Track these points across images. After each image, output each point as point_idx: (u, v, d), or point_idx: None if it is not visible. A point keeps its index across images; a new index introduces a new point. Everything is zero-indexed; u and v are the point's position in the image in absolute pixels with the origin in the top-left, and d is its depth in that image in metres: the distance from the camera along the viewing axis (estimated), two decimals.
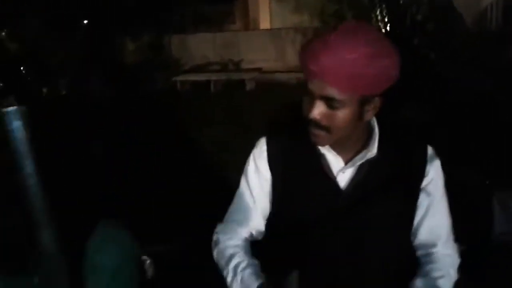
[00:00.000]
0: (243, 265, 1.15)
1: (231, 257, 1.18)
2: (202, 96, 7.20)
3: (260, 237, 1.26)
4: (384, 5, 6.50)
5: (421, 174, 1.16)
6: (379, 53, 1.01)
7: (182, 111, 5.92)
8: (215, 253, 1.24)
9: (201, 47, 9.21)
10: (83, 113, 5.59)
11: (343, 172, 1.16)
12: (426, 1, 5.50)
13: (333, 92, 1.03)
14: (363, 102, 1.07)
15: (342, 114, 1.06)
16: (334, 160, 1.17)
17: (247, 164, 1.27)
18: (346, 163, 1.17)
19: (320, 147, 1.16)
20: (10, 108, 0.95)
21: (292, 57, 9.21)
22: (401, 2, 6.21)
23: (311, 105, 1.06)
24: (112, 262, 1.11)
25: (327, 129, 1.08)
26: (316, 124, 1.08)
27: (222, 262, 1.20)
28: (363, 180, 1.15)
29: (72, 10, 7.98)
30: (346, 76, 1.01)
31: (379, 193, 1.15)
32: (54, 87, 7.99)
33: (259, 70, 8.82)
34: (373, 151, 1.15)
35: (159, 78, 7.61)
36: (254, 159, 1.24)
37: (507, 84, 3.87)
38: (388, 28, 6.58)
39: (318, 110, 1.06)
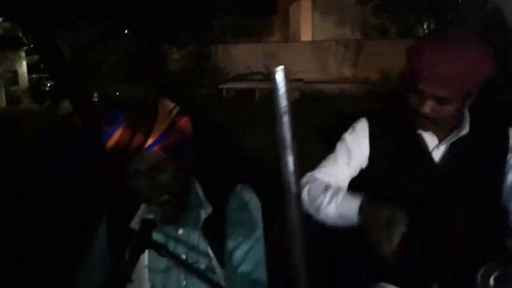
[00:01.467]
0: (340, 191, 1.27)
1: (327, 187, 1.31)
2: (247, 103, 7.40)
3: None
4: (432, 20, 6.53)
5: (506, 149, 1.29)
6: (482, 57, 1.15)
7: (228, 117, 6.12)
8: (306, 189, 1.35)
9: (243, 57, 9.45)
10: None
11: (438, 149, 1.31)
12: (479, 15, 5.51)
13: (443, 92, 1.17)
14: (466, 97, 1.21)
15: (449, 108, 1.21)
16: (429, 138, 1.32)
17: (347, 132, 1.42)
18: (440, 141, 1.31)
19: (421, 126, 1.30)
20: None
21: (333, 69, 9.37)
22: (450, 17, 6.24)
23: (421, 102, 1.21)
24: (248, 218, 1.28)
25: (434, 120, 1.23)
26: (425, 117, 1.22)
27: (316, 192, 1.32)
28: (456, 155, 1.29)
29: (123, 18, 8.33)
30: (457, 79, 1.14)
31: (470, 167, 1.29)
32: (104, 92, 8.33)
33: (300, 80, 8.98)
34: (466, 129, 1.28)
35: (205, 85, 7.84)
36: (356, 133, 1.40)
37: None
38: None
39: (429, 107, 1.20)
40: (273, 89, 0.65)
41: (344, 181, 1.40)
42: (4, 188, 4.08)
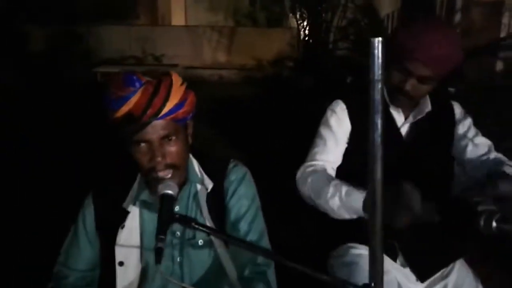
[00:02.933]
0: (342, 184, 1.36)
1: (328, 179, 1.40)
2: None
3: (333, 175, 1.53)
4: (303, 9, 7.01)
5: (454, 121, 1.55)
6: (459, 42, 1.38)
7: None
8: (308, 182, 1.42)
9: (116, 40, 9.00)
10: None
11: (404, 125, 1.52)
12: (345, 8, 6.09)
13: (430, 72, 1.36)
14: (443, 77, 1.41)
15: (427, 88, 1.41)
16: (397, 116, 1.52)
17: (326, 117, 1.55)
18: (405, 118, 1.52)
19: (389, 105, 1.50)
20: None
21: (208, 55, 9.46)
22: (320, 8, 6.77)
23: (404, 80, 1.38)
24: (247, 190, 1.33)
25: (411, 97, 1.42)
26: (405, 94, 1.40)
27: (318, 185, 1.39)
28: (419, 130, 1.52)
29: None
30: (444, 61, 1.34)
31: (430, 140, 1.52)
32: None
33: (176, 66, 8.89)
34: (429, 107, 1.51)
35: (76, 68, 7.32)
36: (335, 113, 1.53)
37: None
38: (307, 31, 7.09)
39: (411, 85, 1.39)
40: (370, 57, 0.74)
41: (337, 163, 1.53)
42: None
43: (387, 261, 1.46)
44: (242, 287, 1.26)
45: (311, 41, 7.14)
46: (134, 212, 1.31)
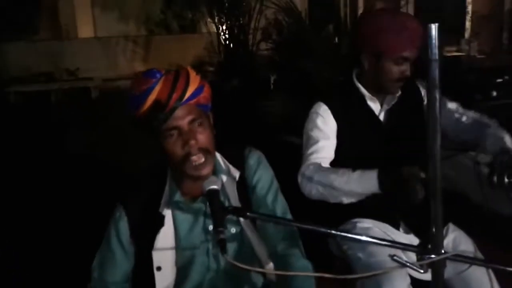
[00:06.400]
0: (347, 170, 1.50)
1: (333, 171, 1.53)
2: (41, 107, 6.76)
3: None
4: (221, 14, 7.12)
5: (421, 98, 1.75)
6: None
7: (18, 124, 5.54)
8: (315, 178, 1.53)
9: (20, 57, 8.42)
10: None
11: (382, 112, 1.70)
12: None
13: (417, 52, 1.56)
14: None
15: (410, 68, 1.59)
16: (374, 105, 1.71)
17: (312, 120, 1.68)
18: (381, 105, 1.70)
19: (366, 97, 1.66)
20: None
21: (124, 65, 9.21)
22: (237, 11, 6.93)
23: (404, 67, 1.56)
24: (265, 173, 1.40)
25: (407, 80, 1.60)
26: (404, 79, 1.59)
27: (328, 178, 1.50)
28: (394, 113, 1.71)
29: None
30: (421, 41, 1.53)
31: (405, 117, 1.71)
32: None
33: (90, 79, 8.56)
34: (399, 91, 1.69)
35: None
36: (320, 115, 1.66)
37: None
38: (226, 35, 7.22)
39: (409, 69, 1.58)
40: (428, 41, 0.87)
41: (331, 159, 1.65)
42: None
43: (392, 230, 1.61)
44: (278, 264, 1.33)
45: (231, 44, 7.26)
46: (168, 215, 1.33)
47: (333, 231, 1.04)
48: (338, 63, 4.87)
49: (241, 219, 1.34)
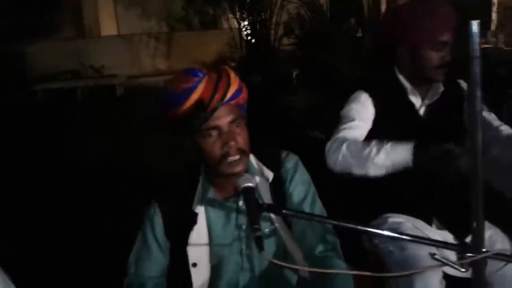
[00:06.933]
0: (382, 143, 1.48)
1: (366, 142, 1.52)
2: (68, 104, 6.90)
3: None
4: (242, 9, 7.12)
5: (463, 97, 1.71)
6: None
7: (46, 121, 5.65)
8: (344, 148, 1.51)
9: (48, 56, 8.60)
10: None
11: (422, 107, 1.68)
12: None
13: (452, 35, 1.57)
14: None
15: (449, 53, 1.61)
16: (415, 100, 1.69)
17: (350, 104, 1.67)
18: (422, 100, 1.68)
19: (407, 90, 1.65)
20: None
21: (147, 62, 9.32)
22: (258, 6, 6.92)
23: (444, 53, 1.57)
24: (302, 177, 1.40)
25: (444, 66, 1.60)
26: (445, 65, 1.59)
27: (358, 147, 1.50)
28: (435, 108, 1.69)
29: None
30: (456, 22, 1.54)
31: (445, 114, 1.68)
32: None
33: (115, 76, 8.68)
34: (441, 87, 1.67)
35: (14, 89, 6.94)
36: (360, 101, 1.66)
37: None
38: (248, 30, 7.22)
39: (449, 54, 1.58)
40: (469, 37, 0.86)
41: (362, 139, 1.63)
42: None
43: (424, 226, 1.60)
44: (315, 266, 1.34)
45: (253, 40, 7.27)
46: (201, 213, 1.34)
47: (371, 229, 1.04)
48: (361, 56, 4.84)
49: (275, 219, 1.35)
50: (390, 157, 1.44)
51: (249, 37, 7.29)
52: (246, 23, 7.27)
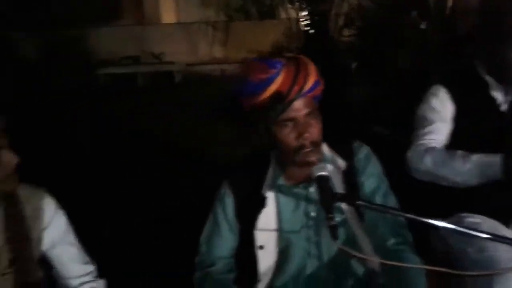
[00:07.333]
0: (467, 154, 1.46)
1: (450, 152, 1.51)
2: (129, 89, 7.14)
3: None
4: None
5: None
6: None
7: (109, 106, 5.85)
8: (427, 158, 1.50)
9: (108, 41, 8.89)
10: None
11: (505, 104, 1.60)
12: None
13: None
14: None
15: None
16: (499, 95, 1.61)
17: (428, 101, 1.63)
18: (505, 95, 1.60)
19: (490, 85, 1.57)
20: None
21: (205, 51, 9.44)
22: None
23: None
24: (375, 168, 1.39)
25: None
26: None
27: (442, 156, 1.49)
28: None
29: None
30: None
31: None
32: None
33: (172, 63, 8.85)
34: None
35: (78, 73, 7.25)
36: (438, 97, 1.62)
37: None
38: (307, 21, 7.14)
39: None
40: None
41: (444, 142, 1.59)
42: None
43: (501, 227, 1.54)
44: (387, 259, 1.31)
45: (311, 30, 7.18)
46: (270, 197, 1.35)
47: (452, 226, 1.00)
48: (425, 49, 4.68)
49: (345, 209, 1.34)
50: (479, 170, 1.40)
51: (307, 28, 7.21)
52: (305, 13, 7.19)
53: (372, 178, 1.37)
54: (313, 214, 1.36)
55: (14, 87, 6.44)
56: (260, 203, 1.34)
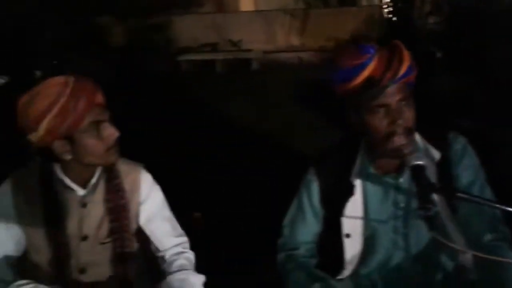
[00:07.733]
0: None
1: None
2: (208, 75, 7.31)
3: None
4: None
5: None
6: None
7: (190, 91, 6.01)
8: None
9: (189, 29, 9.14)
10: None
11: None
12: None
13: None
14: None
15: None
16: None
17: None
18: None
19: None
20: None
21: (282, 38, 9.43)
22: None
23: None
24: (472, 161, 1.32)
25: None
26: None
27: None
28: None
29: None
30: None
31: None
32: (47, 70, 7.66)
33: (249, 51, 8.93)
34: None
35: (161, 59, 7.54)
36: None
37: None
38: (390, 8, 6.89)
39: None
40: None
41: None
42: None
43: None
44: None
45: (394, 18, 6.93)
46: (358, 185, 1.34)
47: None
48: None
49: (438, 201, 1.29)
50: None
51: (390, 15, 6.96)
52: (388, 0, 6.95)
53: (469, 170, 1.31)
54: (402, 204, 1.32)
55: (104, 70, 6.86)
56: (348, 190, 1.33)
